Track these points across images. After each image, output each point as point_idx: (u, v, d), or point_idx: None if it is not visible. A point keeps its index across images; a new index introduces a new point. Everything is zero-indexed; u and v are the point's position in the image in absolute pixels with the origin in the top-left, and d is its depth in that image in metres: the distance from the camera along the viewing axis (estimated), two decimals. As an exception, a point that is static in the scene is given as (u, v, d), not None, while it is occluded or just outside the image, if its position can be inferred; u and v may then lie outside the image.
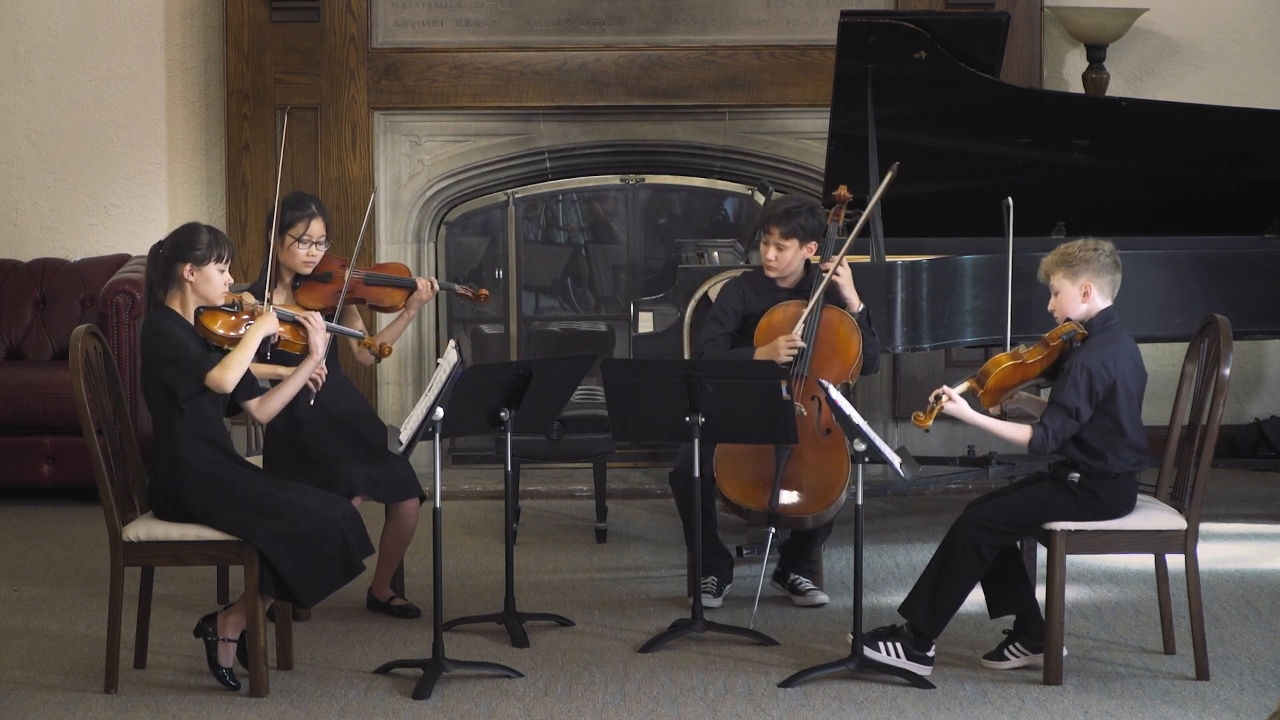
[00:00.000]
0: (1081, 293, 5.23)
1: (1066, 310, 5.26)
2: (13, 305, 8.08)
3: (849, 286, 5.90)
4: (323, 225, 5.82)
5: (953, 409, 5.15)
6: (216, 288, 5.20)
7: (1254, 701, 5.09)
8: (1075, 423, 5.15)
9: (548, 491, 7.75)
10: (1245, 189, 7.18)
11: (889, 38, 6.71)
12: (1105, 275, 5.24)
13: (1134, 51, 8.24)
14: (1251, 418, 8.36)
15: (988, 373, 5.21)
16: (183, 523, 5.16)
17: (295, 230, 5.78)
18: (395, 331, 6.04)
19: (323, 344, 5.33)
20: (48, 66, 8.22)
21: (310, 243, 5.79)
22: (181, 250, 5.19)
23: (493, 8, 8.07)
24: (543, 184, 8.43)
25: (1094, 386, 5.15)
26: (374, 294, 5.93)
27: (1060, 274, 5.25)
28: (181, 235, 5.24)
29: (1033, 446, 5.17)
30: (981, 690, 5.20)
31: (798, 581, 6.07)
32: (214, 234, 5.23)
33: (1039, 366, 5.23)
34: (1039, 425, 5.16)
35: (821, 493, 5.78)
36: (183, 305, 5.20)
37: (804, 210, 5.92)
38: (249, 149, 8.00)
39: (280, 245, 5.78)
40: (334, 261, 5.91)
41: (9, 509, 7.52)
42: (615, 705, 5.09)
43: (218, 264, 5.19)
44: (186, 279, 5.18)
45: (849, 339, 5.87)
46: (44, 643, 5.69)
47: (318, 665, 5.41)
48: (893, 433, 8.06)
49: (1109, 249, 5.26)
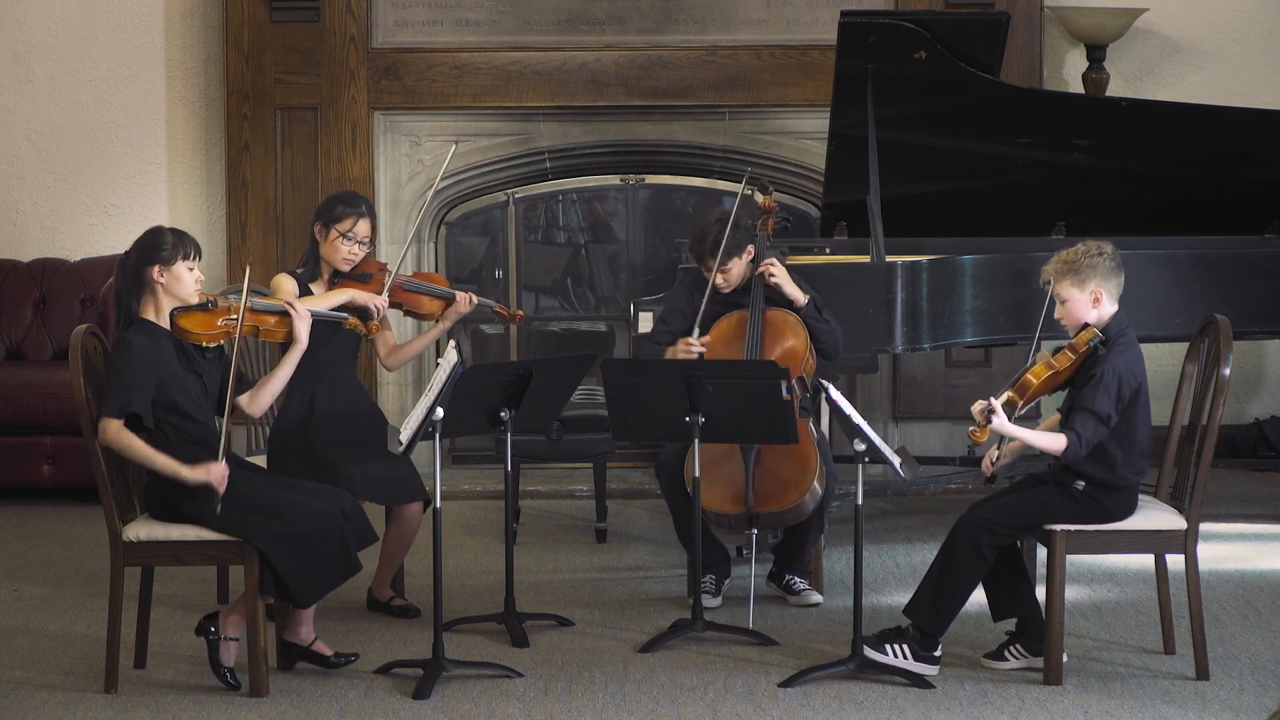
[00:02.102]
0: (1091, 299, 5.21)
1: (1077, 318, 5.24)
2: (13, 305, 8.08)
3: (788, 284, 5.94)
4: (369, 226, 5.83)
5: (999, 424, 5.11)
6: (187, 286, 5.18)
7: (1254, 701, 5.09)
8: (1105, 429, 5.13)
9: (548, 491, 7.75)
10: (1245, 189, 7.18)
11: (889, 38, 6.71)
12: (1112, 279, 5.23)
13: (1134, 51, 8.24)
14: (1251, 418, 8.36)
15: (1029, 384, 5.16)
16: (181, 523, 5.16)
17: (342, 225, 5.79)
18: (424, 342, 6.04)
19: (306, 331, 5.34)
20: (48, 66, 8.22)
21: (355, 241, 5.80)
22: (148, 253, 5.18)
23: (493, 8, 8.08)
24: (543, 184, 8.43)
25: (1122, 392, 5.14)
26: (411, 300, 5.94)
27: (1067, 282, 5.22)
28: (145, 239, 5.23)
29: (1067, 456, 5.16)
30: (981, 690, 5.20)
31: (792, 581, 6.07)
32: (178, 234, 5.22)
33: (1068, 374, 5.22)
34: (1071, 432, 5.13)
35: (794, 484, 5.80)
36: (157, 311, 5.18)
37: (726, 231, 5.92)
38: (249, 149, 8.01)
39: (324, 239, 5.80)
40: (374, 264, 5.92)
41: (9, 509, 7.52)
42: (615, 705, 5.09)
43: (185, 262, 5.18)
44: (157, 281, 5.16)
45: (794, 335, 5.93)
46: (44, 643, 5.69)
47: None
48: (893, 433, 8.06)
49: (1111, 251, 5.25)
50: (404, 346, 6.04)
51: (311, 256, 5.86)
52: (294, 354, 5.37)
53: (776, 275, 5.96)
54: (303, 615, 5.30)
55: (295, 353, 5.37)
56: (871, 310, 6.37)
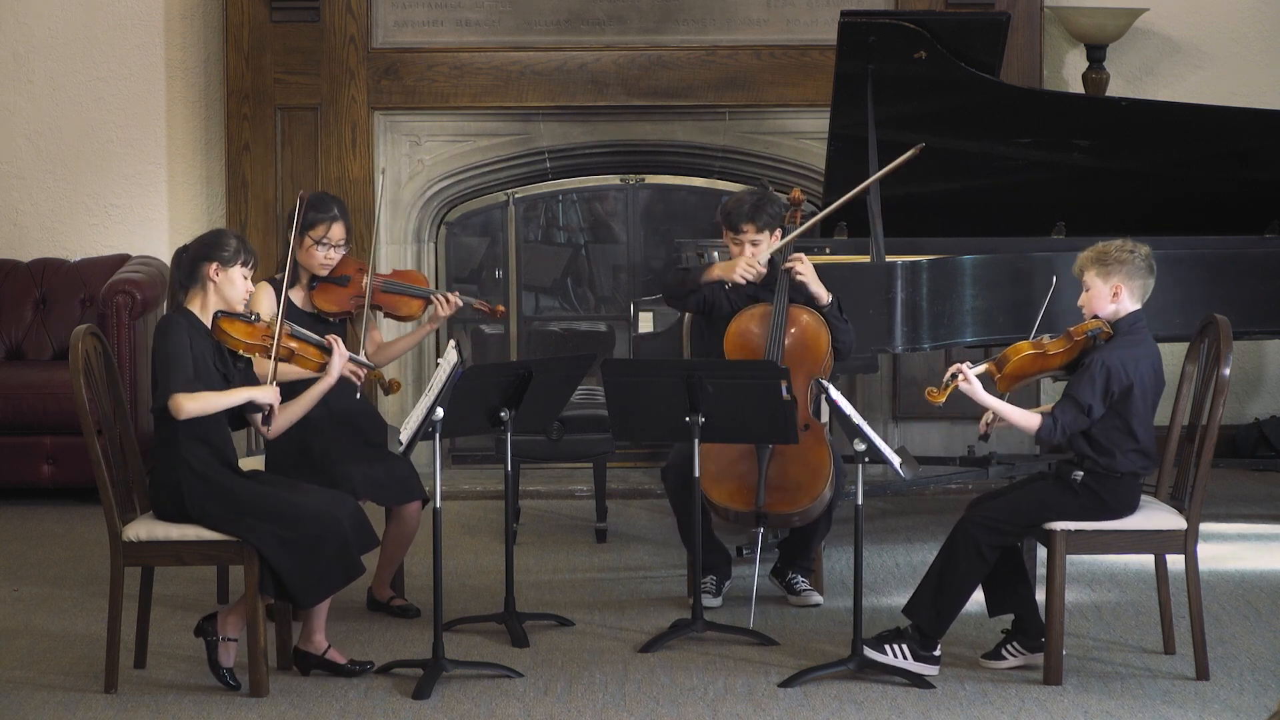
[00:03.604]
0: (1111, 292, 5.22)
1: (1095, 307, 5.25)
2: (13, 305, 8.08)
3: (814, 281, 5.93)
4: (343, 229, 5.81)
5: (966, 389, 5.16)
6: (239, 291, 5.22)
7: (1254, 701, 5.09)
8: (1086, 419, 5.15)
9: (548, 491, 7.75)
10: (1245, 189, 7.17)
11: (889, 38, 6.71)
12: (1137, 279, 5.23)
13: (1134, 51, 8.24)
14: (1251, 418, 8.36)
15: (1007, 358, 5.22)
16: (182, 523, 5.16)
17: (315, 232, 5.77)
18: (410, 342, 6.03)
19: (339, 368, 5.33)
20: (48, 66, 8.22)
21: (330, 245, 5.78)
22: (209, 250, 5.22)
23: (493, 8, 8.07)
24: (543, 184, 8.42)
25: (1110, 386, 5.15)
26: (390, 302, 5.91)
27: (1093, 271, 5.24)
28: (210, 237, 5.29)
29: (1040, 436, 5.18)
30: (981, 690, 5.20)
31: (794, 580, 6.07)
32: (242, 241, 5.28)
33: (1060, 359, 5.23)
34: (1049, 416, 5.16)
35: (805, 488, 5.79)
36: (203, 306, 5.21)
37: (768, 201, 5.98)
38: (249, 149, 8.00)
39: (299, 245, 5.76)
40: (352, 264, 5.89)
41: (9, 509, 7.52)
42: (615, 705, 5.09)
43: (243, 268, 5.22)
44: (211, 278, 5.19)
45: (817, 334, 5.91)
46: (44, 643, 5.69)
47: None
48: (893, 433, 8.06)
49: (1145, 252, 5.25)
50: (390, 345, 6.03)
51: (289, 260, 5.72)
52: (321, 386, 5.33)
53: (804, 273, 5.93)
54: (315, 623, 5.30)
55: (323, 385, 5.34)
56: (871, 310, 6.37)
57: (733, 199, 6.07)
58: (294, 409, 5.34)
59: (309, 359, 5.34)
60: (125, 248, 8.21)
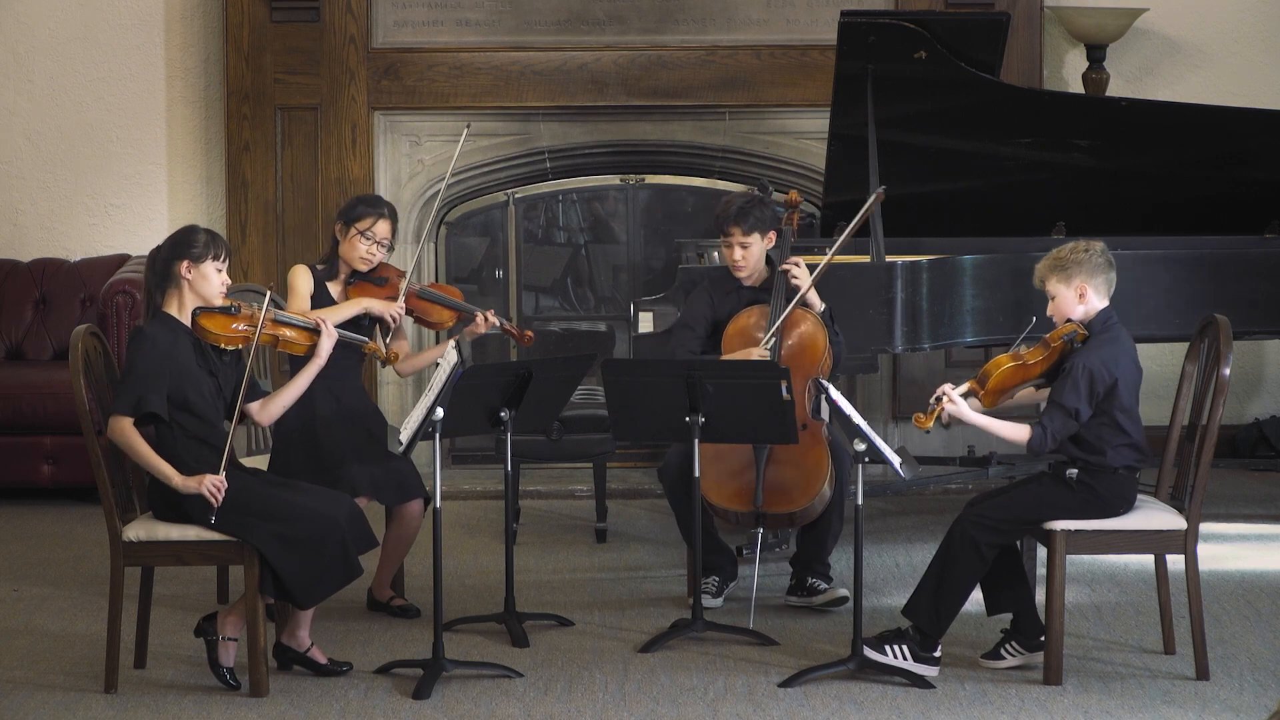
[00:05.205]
0: (1077, 294, 5.24)
1: (1065, 313, 5.27)
2: (13, 305, 8.09)
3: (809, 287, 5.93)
4: (389, 228, 5.89)
5: (953, 410, 5.17)
6: (214, 286, 5.21)
7: (1254, 701, 5.09)
8: (1074, 423, 5.16)
9: (548, 491, 7.75)
10: (1245, 189, 7.17)
11: (889, 38, 6.71)
12: (1099, 275, 5.25)
13: (1134, 51, 8.24)
14: (1251, 418, 8.36)
15: (988, 374, 5.22)
16: (182, 523, 5.16)
17: (362, 224, 5.85)
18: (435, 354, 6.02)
19: (329, 349, 5.35)
20: (48, 66, 8.22)
21: (373, 240, 5.84)
22: (179, 248, 5.21)
23: (493, 8, 8.08)
24: (543, 184, 8.42)
25: (1095, 388, 5.16)
26: (422, 307, 5.97)
27: (1054, 278, 5.27)
28: (179, 235, 5.28)
29: (1031, 446, 5.19)
30: (981, 690, 5.20)
31: (816, 584, 6.04)
32: (211, 235, 5.26)
33: (1040, 367, 5.24)
34: (1038, 425, 5.17)
35: (803, 487, 5.80)
36: (180, 307, 5.20)
37: (756, 203, 5.98)
38: (249, 149, 8.01)
39: (344, 236, 5.86)
40: (393, 269, 5.95)
41: (9, 509, 7.52)
42: (615, 705, 5.09)
43: (215, 262, 5.21)
44: (184, 276, 5.19)
45: (814, 335, 5.92)
46: (44, 643, 5.69)
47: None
48: (893, 433, 8.06)
49: (1100, 248, 5.27)
50: (416, 356, 6.07)
51: (332, 255, 5.91)
52: (311, 369, 5.37)
53: (800, 278, 5.93)
54: (301, 619, 5.30)
55: (313, 368, 5.37)
56: (871, 310, 6.37)
57: (724, 202, 6.08)
58: (287, 394, 5.35)
59: (296, 342, 5.36)
60: (125, 248, 8.21)
